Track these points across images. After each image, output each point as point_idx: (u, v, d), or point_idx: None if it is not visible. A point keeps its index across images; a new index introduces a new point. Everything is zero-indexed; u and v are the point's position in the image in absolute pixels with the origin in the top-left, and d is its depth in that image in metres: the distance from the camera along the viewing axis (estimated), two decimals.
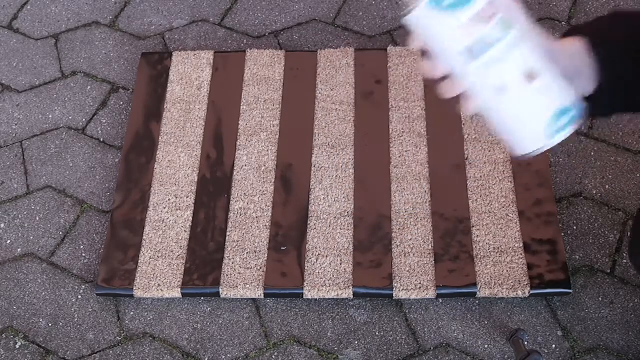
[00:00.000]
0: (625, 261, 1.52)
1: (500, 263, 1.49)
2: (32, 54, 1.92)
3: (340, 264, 1.51)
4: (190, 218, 1.59)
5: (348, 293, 1.48)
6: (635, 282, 1.49)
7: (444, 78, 0.74)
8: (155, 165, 1.67)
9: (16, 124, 1.80)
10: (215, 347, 1.48)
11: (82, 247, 1.61)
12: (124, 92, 1.83)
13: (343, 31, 1.89)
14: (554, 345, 1.43)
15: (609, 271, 1.51)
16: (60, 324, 1.52)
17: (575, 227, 1.56)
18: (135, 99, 1.77)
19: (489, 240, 1.52)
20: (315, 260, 1.52)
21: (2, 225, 1.65)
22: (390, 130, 1.68)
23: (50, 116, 1.80)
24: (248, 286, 1.50)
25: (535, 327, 1.46)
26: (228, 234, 1.56)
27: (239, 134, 1.70)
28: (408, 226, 1.55)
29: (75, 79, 1.86)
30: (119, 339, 1.50)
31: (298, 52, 1.83)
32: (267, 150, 1.67)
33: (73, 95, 1.83)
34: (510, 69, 0.72)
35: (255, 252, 1.54)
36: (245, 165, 1.65)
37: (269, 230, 1.56)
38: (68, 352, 1.49)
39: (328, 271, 1.50)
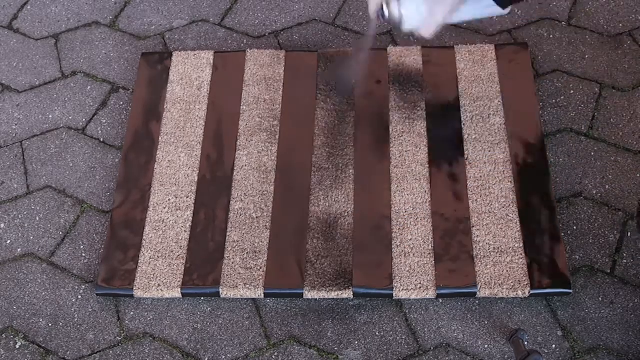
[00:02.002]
0: (625, 261, 1.52)
1: (500, 263, 1.49)
2: (32, 54, 1.92)
3: (340, 264, 1.51)
4: (190, 218, 1.59)
5: (348, 293, 1.48)
6: (635, 282, 1.49)
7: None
8: (155, 165, 1.67)
9: (16, 124, 1.80)
10: (215, 347, 1.48)
11: (82, 247, 1.61)
12: (124, 92, 1.83)
13: (343, 31, 1.89)
14: (554, 345, 1.43)
15: (609, 271, 1.51)
16: (60, 324, 1.52)
17: (575, 227, 1.56)
18: (135, 99, 1.77)
19: (489, 240, 1.52)
20: (315, 260, 1.52)
21: (2, 225, 1.65)
22: (390, 130, 1.68)
23: (50, 116, 1.80)
24: (248, 286, 1.49)
25: (535, 327, 1.45)
26: (228, 234, 1.56)
27: (239, 134, 1.70)
28: (408, 226, 1.55)
29: (75, 79, 1.86)
30: (119, 339, 1.50)
31: (298, 52, 1.83)
32: (267, 150, 1.67)
33: (73, 95, 1.83)
34: None
35: (255, 252, 1.54)
36: (245, 165, 1.65)
37: (269, 230, 1.56)
38: (68, 352, 1.49)
39: (328, 271, 1.50)
